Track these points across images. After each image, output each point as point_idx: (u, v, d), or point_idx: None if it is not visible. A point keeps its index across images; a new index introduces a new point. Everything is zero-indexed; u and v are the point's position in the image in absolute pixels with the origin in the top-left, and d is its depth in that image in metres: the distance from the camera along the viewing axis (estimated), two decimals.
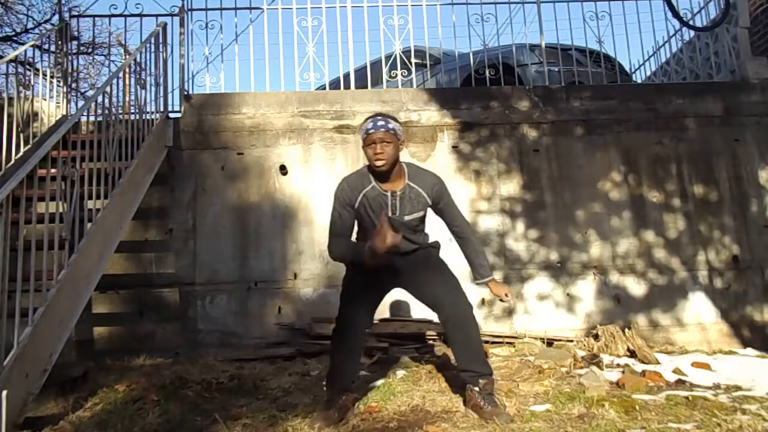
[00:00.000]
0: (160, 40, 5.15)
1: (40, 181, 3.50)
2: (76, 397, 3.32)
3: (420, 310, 4.69)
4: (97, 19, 6.54)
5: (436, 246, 3.10)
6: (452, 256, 4.95)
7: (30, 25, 11.05)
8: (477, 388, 2.84)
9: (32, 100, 5.12)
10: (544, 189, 5.12)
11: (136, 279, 4.80)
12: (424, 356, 4.12)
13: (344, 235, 2.92)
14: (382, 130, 2.76)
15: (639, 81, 7.11)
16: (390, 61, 5.50)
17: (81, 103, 6.73)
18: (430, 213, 3.02)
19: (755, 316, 4.94)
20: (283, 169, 5.06)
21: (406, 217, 2.87)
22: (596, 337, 4.16)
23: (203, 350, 4.57)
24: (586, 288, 4.96)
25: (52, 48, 5.78)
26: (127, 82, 4.64)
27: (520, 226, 5.05)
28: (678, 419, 2.69)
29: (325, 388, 3.01)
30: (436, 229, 3.19)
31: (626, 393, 3.11)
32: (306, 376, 3.71)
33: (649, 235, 5.06)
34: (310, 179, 5.02)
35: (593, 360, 3.75)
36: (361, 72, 5.93)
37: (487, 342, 4.41)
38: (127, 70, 4.69)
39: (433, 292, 2.93)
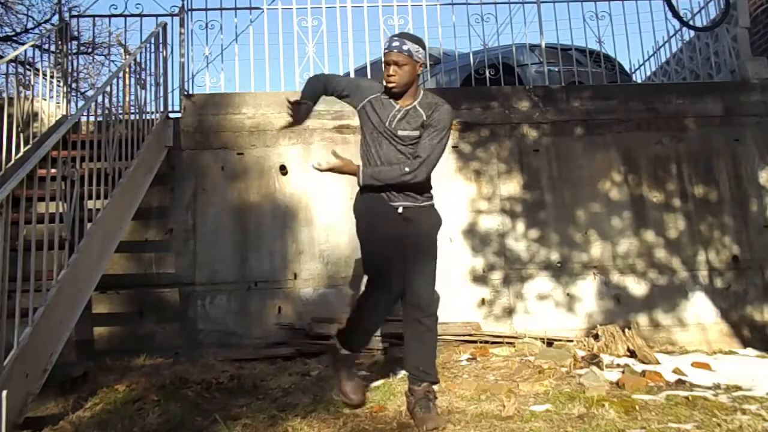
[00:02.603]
0: (160, 40, 5.15)
1: (40, 181, 3.50)
2: (76, 397, 3.32)
3: None
4: (97, 19, 6.58)
5: (438, 221, 2.90)
6: (453, 256, 4.96)
7: (30, 25, 11.05)
8: (418, 391, 2.75)
9: (32, 100, 5.12)
10: (544, 189, 5.12)
11: (136, 279, 4.80)
12: None
13: (328, 82, 2.99)
14: (395, 51, 2.72)
15: (639, 81, 7.11)
16: None
17: (81, 103, 6.74)
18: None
19: (755, 316, 4.94)
20: (283, 169, 5.06)
21: (400, 132, 2.75)
22: (596, 337, 4.16)
23: (203, 350, 4.56)
24: (586, 288, 4.96)
25: (52, 48, 5.78)
26: (127, 82, 4.64)
27: (520, 226, 5.05)
28: (678, 419, 2.69)
29: (341, 351, 2.82)
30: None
31: (626, 393, 3.11)
32: (306, 376, 3.71)
33: (650, 235, 5.05)
34: (310, 179, 5.01)
35: (593, 360, 3.75)
36: (361, 72, 5.93)
37: (487, 342, 4.41)
38: (127, 70, 4.69)
39: (415, 279, 2.78)
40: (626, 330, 4.09)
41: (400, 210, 2.79)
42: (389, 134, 2.77)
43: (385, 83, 2.78)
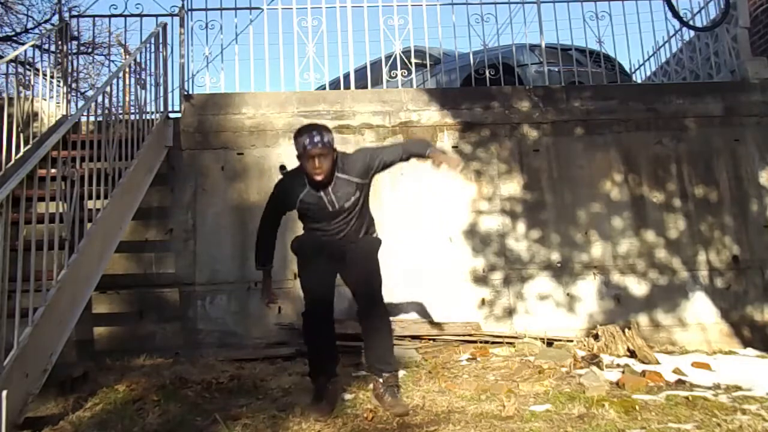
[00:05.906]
0: (160, 40, 5.14)
1: (40, 181, 3.50)
2: (76, 397, 3.32)
3: (419, 310, 4.71)
4: (97, 19, 6.55)
5: (375, 242, 3.24)
6: (453, 256, 4.95)
7: (30, 25, 11.03)
8: (381, 380, 3.01)
9: (32, 100, 5.12)
10: (544, 189, 5.11)
11: (136, 279, 4.79)
12: (424, 356, 4.11)
13: (271, 227, 3.32)
14: (319, 146, 2.87)
15: (639, 81, 7.11)
16: (390, 61, 5.49)
17: (81, 103, 6.74)
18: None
19: (755, 316, 4.93)
20: (283, 169, 5.03)
21: (346, 204, 3.01)
22: (596, 337, 4.16)
23: (203, 350, 4.56)
24: (586, 288, 4.95)
25: (52, 48, 5.78)
26: (127, 82, 4.63)
27: (521, 226, 5.05)
28: (678, 419, 2.69)
29: (312, 383, 3.18)
30: (433, 230, 3.17)
31: (626, 393, 3.12)
32: (306, 376, 3.69)
33: (650, 235, 5.05)
34: None
35: (593, 360, 3.75)
36: (361, 72, 5.93)
37: (487, 342, 4.41)
38: (127, 70, 4.69)
39: (357, 288, 3.15)
40: (626, 330, 4.09)
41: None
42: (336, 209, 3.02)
43: (313, 176, 2.92)
